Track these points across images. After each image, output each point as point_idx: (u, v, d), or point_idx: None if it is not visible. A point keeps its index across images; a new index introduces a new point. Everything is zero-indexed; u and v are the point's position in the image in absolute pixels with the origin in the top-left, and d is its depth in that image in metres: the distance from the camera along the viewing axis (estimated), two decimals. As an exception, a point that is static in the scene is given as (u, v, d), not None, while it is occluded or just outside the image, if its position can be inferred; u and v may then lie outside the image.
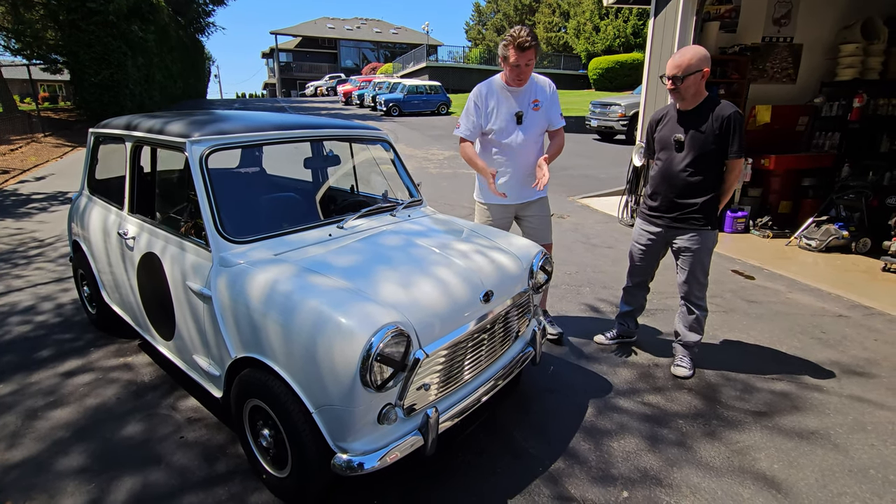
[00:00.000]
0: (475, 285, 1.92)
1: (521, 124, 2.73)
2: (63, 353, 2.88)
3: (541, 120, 2.75)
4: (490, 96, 2.75)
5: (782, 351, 3.00)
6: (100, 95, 13.10)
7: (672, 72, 2.42)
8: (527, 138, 2.74)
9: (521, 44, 2.48)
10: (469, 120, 2.78)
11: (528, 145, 2.76)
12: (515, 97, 2.72)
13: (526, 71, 2.59)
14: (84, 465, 2.01)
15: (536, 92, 2.74)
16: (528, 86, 2.70)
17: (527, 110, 2.72)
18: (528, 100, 2.72)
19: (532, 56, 2.54)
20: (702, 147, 2.45)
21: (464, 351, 1.88)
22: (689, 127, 2.48)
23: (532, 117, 2.73)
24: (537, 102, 2.72)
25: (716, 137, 2.41)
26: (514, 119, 2.72)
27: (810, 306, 3.66)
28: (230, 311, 1.83)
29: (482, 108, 2.76)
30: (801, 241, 5.04)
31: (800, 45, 5.62)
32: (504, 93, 2.73)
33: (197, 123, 2.19)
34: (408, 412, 1.73)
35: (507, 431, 2.23)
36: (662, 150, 2.61)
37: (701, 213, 2.51)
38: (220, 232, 1.95)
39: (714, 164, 2.48)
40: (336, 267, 1.88)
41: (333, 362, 1.53)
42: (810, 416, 2.37)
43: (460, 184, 7.93)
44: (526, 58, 2.53)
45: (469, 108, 2.78)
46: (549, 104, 2.76)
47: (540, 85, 2.77)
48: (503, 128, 2.74)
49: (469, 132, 2.79)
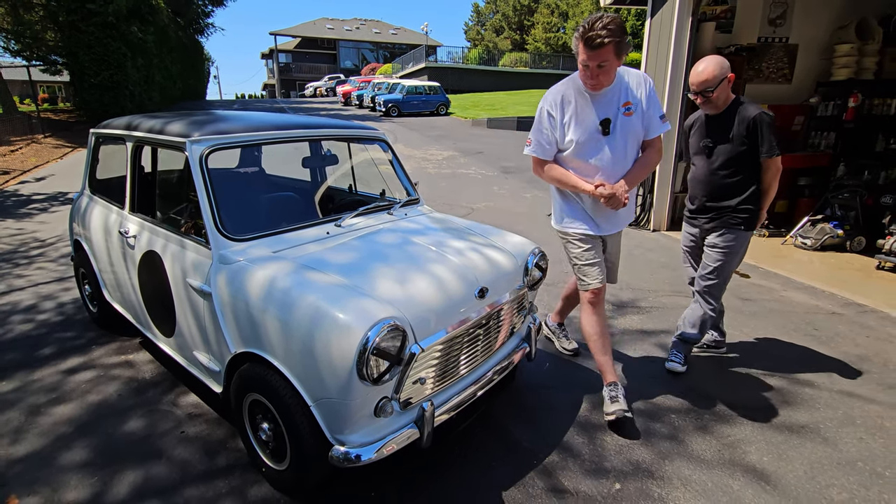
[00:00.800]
0: (470, 282, 1.96)
1: (610, 135, 2.13)
2: (65, 350, 2.92)
3: (635, 127, 2.15)
4: (567, 102, 2.18)
5: (775, 348, 3.04)
6: (100, 96, 13.14)
7: (701, 87, 2.41)
8: (617, 154, 2.16)
9: (590, 39, 1.92)
10: (542, 134, 2.24)
11: (620, 162, 2.18)
12: (598, 101, 2.14)
13: (600, 74, 2.01)
14: (87, 460, 2.04)
15: (627, 92, 2.13)
16: (616, 85, 2.12)
17: (616, 116, 2.12)
18: (618, 102, 2.12)
19: (609, 56, 1.96)
20: (730, 150, 2.47)
21: (459, 346, 1.92)
22: (716, 131, 2.51)
23: (624, 125, 2.13)
24: (629, 105, 2.12)
25: (743, 139, 2.42)
26: (598, 130, 2.15)
27: (804, 304, 3.70)
28: (230, 307, 1.87)
29: (557, 118, 2.20)
30: (797, 240, 5.09)
31: (795, 45, 5.66)
32: (583, 97, 2.16)
33: (197, 123, 2.23)
34: (404, 405, 1.77)
35: (502, 425, 2.27)
36: (696, 156, 2.65)
37: (736, 214, 2.50)
38: (220, 230, 1.99)
39: (746, 165, 2.46)
40: (333, 264, 1.91)
41: (331, 356, 1.57)
42: (801, 410, 2.41)
43: (459, 184, 7.98)
44: (599, 58, 1.97)
45: (541, 118, 2.24)
46: (647, 104, 2.14)
47: (630, 81, 2.15)
48: (584, 142, 2.17)
49: (544, 150, 2.27)
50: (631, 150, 2.20)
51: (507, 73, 31.29)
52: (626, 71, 2.14)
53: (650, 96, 2.15)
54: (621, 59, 2.00)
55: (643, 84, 2.15)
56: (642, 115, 2.15)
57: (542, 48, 38.13)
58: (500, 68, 32.73)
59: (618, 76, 2.10)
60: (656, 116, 2.20)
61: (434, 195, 7.10)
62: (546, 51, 36.81)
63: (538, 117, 2.25)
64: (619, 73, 2.10)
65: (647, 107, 2.15)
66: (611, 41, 1.91)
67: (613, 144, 2.15)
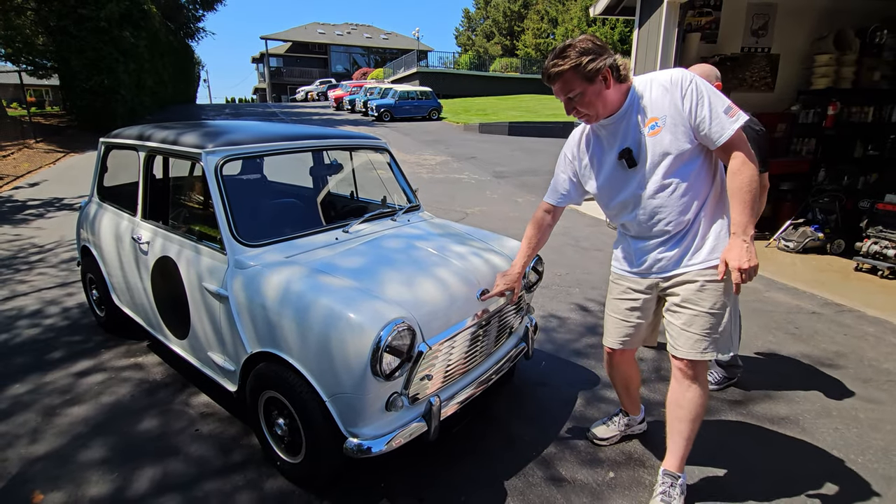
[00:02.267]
0: (472, 284, 2.09)
1: (638, 166, 1.70)
2: (74, 354, 2.99)
3: (668, 142, 1.64)
4: (588, 142, 1.84)
5: (757, 345, 3.20)
6: (91, 101, 13.10)
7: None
8: (653, 184, 1.69)
9: (545, 75, 1.66)
10: (556, 176, 1.97)
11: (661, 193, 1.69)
12: (611, 133, 1.74)
13: (580, 106, 1.66)
14: (105, 457, 2.13)
15: (649, 108, 1.66)
16: (628, 108, 1.67)
17: (639, 143, 1.68)
18: (638, 125, 1.67)
19: (574, 84, 1.61)
20: None
21: (462, 345, 2.04)
22: None
23: (654, 147, 1.66)
24: (654, 122, 1.64)
25: None
26: (619, 166, 1.74)
27: (786, 304, 3.87)
28: (246, 310, 1.98)
29: (577, 160, 1.89)
30: (780, 243, 5.29)
31: (777, 55, 5.89)
32: (601, 133, 1.78)
33: (209, 135, 2.33)
34: (412, 401, 1.89)
35: (502, 421, 2.40)
36: None
37: None
38: (235, 236, 2.09)
39: None
40: (344, 268, 2.03)
41: (346, 354, 1.69)
42: (781, 403, 2.56)
43: (453, 189, 8.12)
44: (564, 90, 1.63)
45: (559, 161, 1.96)
46: (689, 107, 1.60)
47: (653, 93, 1.66)
48: (607, 185, 1.80)
49: (552, 192, 1.98)
50: (675, 172, 1.66)
51: (497, 78, 31.62)
52: (651, 81, 1.68)
53: (691, 95, 1.59)
54: (596, 81, 1.59)
55: (675, 87, 1.61)
56: (682, 124, 1.62)
57: (531, 54, 38.57)
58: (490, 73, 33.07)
59: (632, 95, 1.67)
60: (712, 114, 1.58)
61: (429, 200, 7.22)
62: (536, 56, 37.23)
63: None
64: (638, 88, 1.68)
65: (689, 110, 1.60)
66: (565, 68, 1.58)
67: (644, 175, 1.70)
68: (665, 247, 1.76)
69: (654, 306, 1.93)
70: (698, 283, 1.72)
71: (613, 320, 1.98)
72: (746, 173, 1.58)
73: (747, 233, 1.58)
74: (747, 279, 1.58)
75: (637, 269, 1.86)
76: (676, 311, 1.78)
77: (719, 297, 1.71)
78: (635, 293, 1.90)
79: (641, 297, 1.89)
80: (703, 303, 1.72)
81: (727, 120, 1.57)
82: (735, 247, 1.59)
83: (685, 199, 1.68)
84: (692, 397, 1.80)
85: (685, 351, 1.76)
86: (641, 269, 1.84)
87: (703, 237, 1.72)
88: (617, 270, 1.96)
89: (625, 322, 1.95)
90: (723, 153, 1.64)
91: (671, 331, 1.81)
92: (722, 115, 1.58)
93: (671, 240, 1.75)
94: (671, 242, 1.75)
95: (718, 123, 1.58)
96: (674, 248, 1.75)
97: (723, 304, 1.71)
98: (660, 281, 1.83)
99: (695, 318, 1.73)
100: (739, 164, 1.59)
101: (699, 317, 1.73)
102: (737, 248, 1.58)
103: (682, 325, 1.76)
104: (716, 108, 1.58)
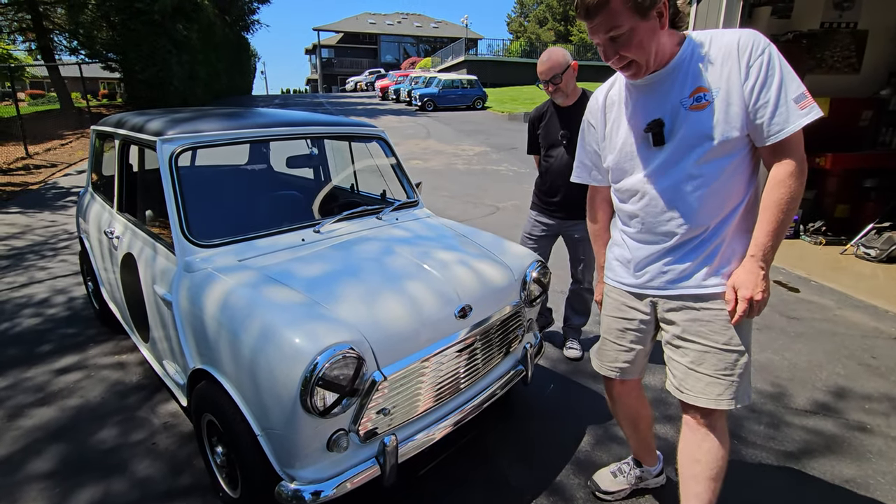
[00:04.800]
0: (449, 300, 1.74)
1: (665, 145, 1.30)
2: (63, 347, 2.92)
3: (718, 124, 1.22)
4: (611, 105, 1.43)
5: (822, 378, 2.64)
6: (147, 91, 13.70)
7: (548, 76, 2.42)
8: (675, 176, 1.30)
9: (583, 3, 1.20)
10: (582, 151, 1.58)
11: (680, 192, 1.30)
12: (648, 94, 1.32)
13: (623, 51, 1.23)
14: (53, 470, 1.98)
15: (700, 72, 1.24)
16: (677, 64, 1.26)
17: (675, 114, 1.27)
18: (681, 91, 1.26)
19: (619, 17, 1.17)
20: None
21: (434, 372, 1.70)
22: (570, 123, 2.50)
23: (692, 127, 1.25)
24: (702, 94, 1.23)
25: None
26: (643, 139, 1.34)
27: (862, 325, 3.23)
28: (188, 320, 1.74)
29: (598, 128, 1.49)
30: (859, 250, 4.52)
31: (865, 31, 5.05)
32: (630, 93, 1.38)
33: (175, 121, 2.11)
34: (367, 437, 1.57)
35: (487, 457, 2.04)
36: (553, 148, 2.63)
37: None
38: (186, 235, 1.85)
39: None
40: (299, 277, 1.74)
41: (276, 383, 1.40)
42: (847, 460, 2.04)
43: (488, 181, 7.71)
44: (604, 25, 1.20)
45: (582, 130, 1.58)
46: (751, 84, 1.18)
47: (711, 53, 1.23)
48: (622, 159, 1.41)
49: (585, 171, 1.59)
50: (709, 163, 1.25)
51: (549, 66, 30.36)
52: (711, 39, 1.24)
53: (760, 68, 1.16)
54: (650, 16, 1.17)
55: (743, 53, 1.18)
56: (738, 104, 1.19)
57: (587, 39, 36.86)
58: (542, 61, 31.83)
59: (686, 48, 1.24)
60: (780, 99, 1.16)
61: (460, 192, 6.87)
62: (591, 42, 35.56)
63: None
64: (693, 42, 1.24)
65: (752, 88, 1.17)
66: None
67: (668, 158, 1.29)
68: (673, 256, 1.37)
69: (654, 332, 1.53)
70: (711, 310, 1.34)
71: (606, 343, 1.61)
72: (791, 187, 1.21)
73: (767, 259, 1.26)
74: (755, 314, 1.28)
75: (634, 283, 1.47)
76: (680, 346, 1.40)
77: (738, 330, 1.33)
78: (631, 311, 1.51)
79: (638, 317, 1.50)
80: (715, 336, 1.34)
81: (795, 112, 1.18)
82: (749, 271, 1.27)
83: (711, 202, 1.29)
84: (710, 449, 1.42)
85: (695, 396, 1.38)
86: (639, 282, 1.45)
87: (725, 255, 1.34)
88: (610, 281, 1.57)
89: (618, 346, 1.57)
90: (770, 154, 1.24)
91: (674, 370, 1.43)
92: (791, 103, 1.18)
93: (682, 248, 1.35)
94: (682, 251, 1.36)
95: (783, 114, 1.18)
96: (685, 259, 1.35)
97: (743, 340, 1.34)
98: (660, 300, 1.43)
99: (705, 356, 1.36)
100: (786, 175, 1.21)
101: (711, 353, 1.35)
102: (751, 273, 1.26)
103: (690, 363, 1.38)
104: (786, 93, 1.18)
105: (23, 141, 9.70)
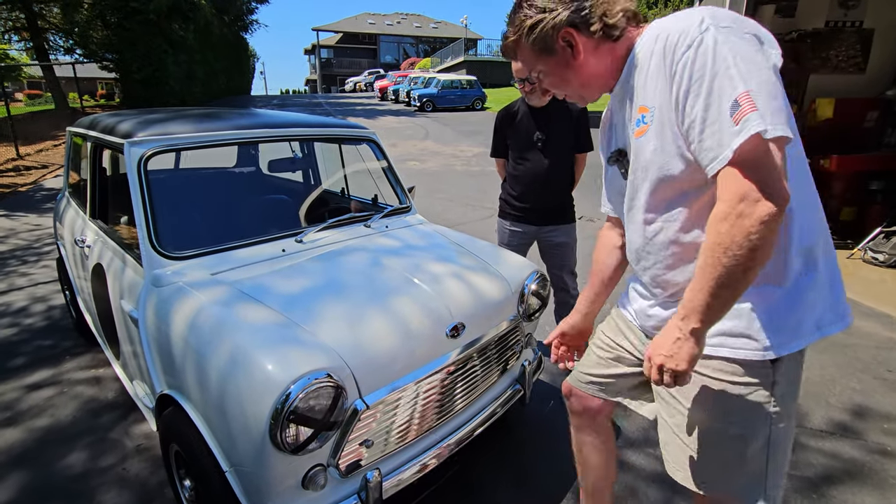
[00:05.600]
0: (440, 318, 1.60)
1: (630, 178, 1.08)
2: (37, 361, 2.77)
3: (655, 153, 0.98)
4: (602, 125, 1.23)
5: (836, 393, 2.50)
6: (143, 91, 13.55)
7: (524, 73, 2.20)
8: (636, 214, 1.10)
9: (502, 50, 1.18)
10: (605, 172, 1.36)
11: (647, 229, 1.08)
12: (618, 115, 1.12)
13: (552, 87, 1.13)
14: (12, 499, 1.83)
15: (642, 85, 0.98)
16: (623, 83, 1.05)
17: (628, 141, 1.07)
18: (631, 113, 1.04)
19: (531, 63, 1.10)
20: (563, 144, 2.43)
21: (423, 398, 1.56)
22: (545, 125, 2.41)
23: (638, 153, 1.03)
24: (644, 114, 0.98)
25: (573, 133, 2.43)
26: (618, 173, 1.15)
27: (875, 336, 3.09)
28: (155, 339, 1.59)
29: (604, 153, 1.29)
30: (866, 255, 4.39)
31: (871, 30, 4.92)
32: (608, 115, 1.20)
33: (146, 123, 1.97)
34: (348, 471, 1.43)
35: (481, 488, 1.90)
36: (526, 151, 2.46)
37: (570, 208, 2.56)
38: (155, 246, 1.71)
39: (571, 159, 2.49)
40: (275, 293, 1.60)
41: (245, 415, 1.25)
42: (868, 487, 1.90)
43: (486, 183, 7.57)
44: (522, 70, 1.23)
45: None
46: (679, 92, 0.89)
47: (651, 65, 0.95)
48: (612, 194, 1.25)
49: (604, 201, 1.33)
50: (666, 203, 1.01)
51: (548, 67, 30.28)
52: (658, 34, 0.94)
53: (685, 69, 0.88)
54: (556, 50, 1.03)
55: (668, 52, 0.91)
56: (669, 128, 0.94)
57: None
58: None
59: (632, 62, 1.01)
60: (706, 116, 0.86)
61: (459, 194, 6.72)
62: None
63: None
64: (639, 54, 0.99)
65: (674, 102, 0.91)
66: (513, 39, 1.07)
67: (630, 199, 1.09)
68: (655, 300, 1.13)
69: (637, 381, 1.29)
70: (701, 375, 1.03)
71: (590, 353, 1.38)
72: (721, 233, 0.84)
73: (693, 320, 0.89)
74: (667, 384, 0.95)
75: (631, 313, 1.25)
76: (669, 402, 1.11)
77: (741, 407, 1.00)
78: (622, 336, 1.28)
79: (627, 346, 1.27)
80: (708, 406, 1.04)
81: (729, 129, 0.83)
82: (665, 334, 0.94)
83: (675, 250, 1.02)
84: None
85: (678, 472, 1.11)
86: (632, 315, 1.24)
87: None
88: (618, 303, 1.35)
89: (598, 357, 1.34)
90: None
91: (661, 433, 1.16)
92: (725, 116, 0.83)
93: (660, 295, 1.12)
94: (661, 298, 1.11)
95: (714, 134, 0.85)
96: (667, 306, 1.11)
97: (747, 420, 1.01)
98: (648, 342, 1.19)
99: (687, 423, 1.07)
100: (715, 218, 0.86)
101: (693, 421, 1.06)
102: (666, 337, 0.94)
103: (676, 426, 1.10)
104: (719, 102, 0.84)
105: (13, 142, 9.54)
